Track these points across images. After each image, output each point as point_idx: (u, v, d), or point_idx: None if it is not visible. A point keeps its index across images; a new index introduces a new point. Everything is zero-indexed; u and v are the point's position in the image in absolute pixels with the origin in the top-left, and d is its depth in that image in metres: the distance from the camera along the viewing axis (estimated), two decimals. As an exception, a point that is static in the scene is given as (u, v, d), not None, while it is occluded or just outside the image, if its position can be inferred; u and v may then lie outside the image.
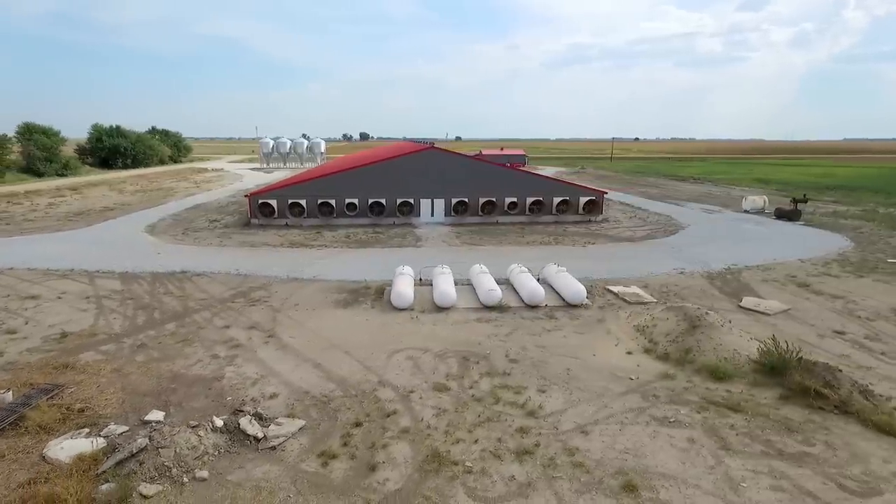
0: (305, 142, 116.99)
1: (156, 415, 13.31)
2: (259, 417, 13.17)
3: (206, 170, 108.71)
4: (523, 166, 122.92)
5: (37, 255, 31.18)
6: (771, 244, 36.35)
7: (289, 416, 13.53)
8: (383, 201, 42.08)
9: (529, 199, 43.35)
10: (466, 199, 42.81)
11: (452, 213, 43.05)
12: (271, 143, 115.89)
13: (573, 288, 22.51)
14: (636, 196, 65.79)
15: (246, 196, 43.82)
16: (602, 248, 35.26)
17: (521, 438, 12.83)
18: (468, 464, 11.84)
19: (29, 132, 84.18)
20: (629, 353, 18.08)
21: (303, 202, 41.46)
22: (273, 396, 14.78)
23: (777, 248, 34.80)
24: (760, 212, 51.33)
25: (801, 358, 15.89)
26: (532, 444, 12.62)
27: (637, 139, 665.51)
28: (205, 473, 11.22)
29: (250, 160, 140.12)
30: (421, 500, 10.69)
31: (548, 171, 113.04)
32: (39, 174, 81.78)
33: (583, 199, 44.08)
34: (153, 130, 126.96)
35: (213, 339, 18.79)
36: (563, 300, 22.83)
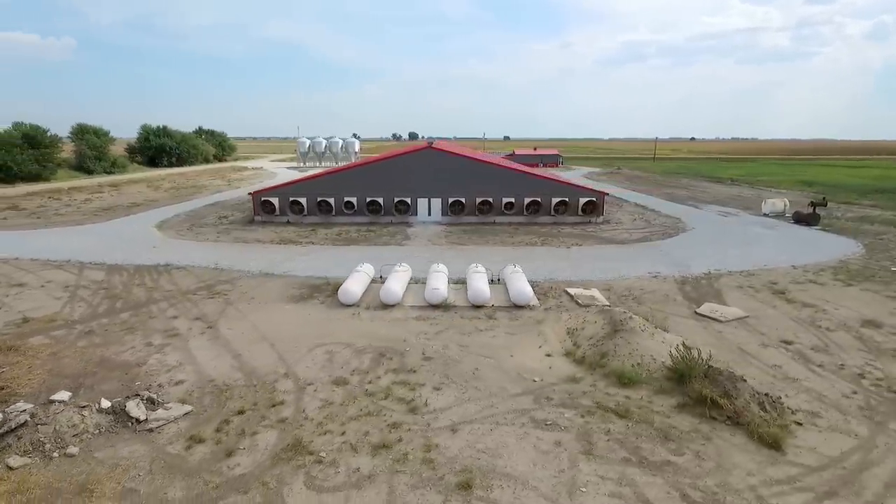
0: (340, 141, 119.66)
1: (62, 395, 14.37)
2: (151, 402, 14.02)
3: (245, 168, 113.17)
4: (557, 166, 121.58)
5: (47, 246, 33.66)
6: (771, 249, 34.79)
7: (180, 402, 14.32)
8: (380, 200, 42.86)
9: (527, 200, 43.04)
10: (462, 199, 42.98)
11: (449, 213, 43.31)
12: (308, 142, 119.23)
13: (519, 289, 22.45)
14: (657, 198, 63.98)
15: (250, 194, 45.60)
16: (587, 249, 34.71)
17: (389, 433, 13.13)
18: (322, 454, 12.25)
19: (81, 132, 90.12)
20: (548, 355, 17.98)
21: (302, 200, 42.78)
22: (179, 383, 15.65)
23: (774, 253, 33.30)
24: (780, 215, 49.00)
25: (710, 366, 15.43)
26: (395, 439, 12.90)
27: (693, 139, 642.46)
28: (75, 450, 12.12)
29: (292, 159, 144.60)
30: (259, 485, 11.19)
31: (581, 171, 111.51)
32: (89, 172, 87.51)
33: (582, 200, 43.38)
34: (199, 131, 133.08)
35: (156, 329, 19.95)
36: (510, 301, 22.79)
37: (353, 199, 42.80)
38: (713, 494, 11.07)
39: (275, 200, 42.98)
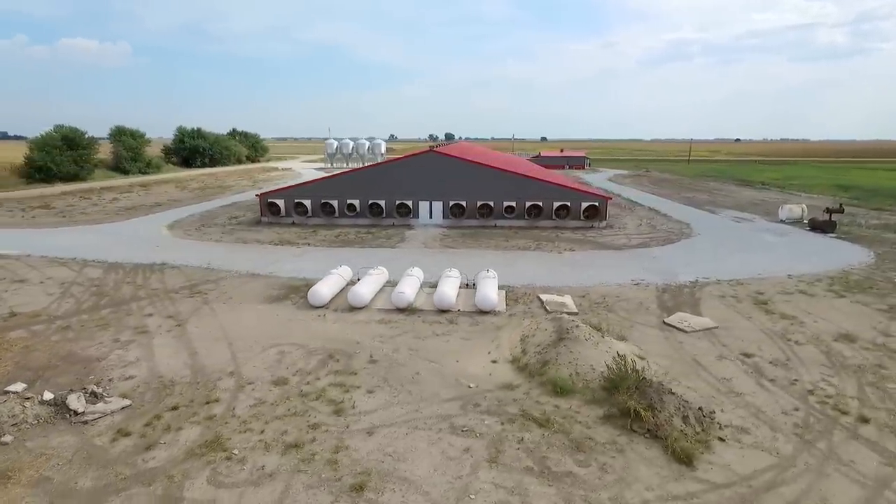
0: (366, 143, 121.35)
1: (17, 386, 15.41)
2: (94, 395, 14.86)
3: (275, 169, 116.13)
4: (583, 168, 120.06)
5: (60, 244, 35.62)
6: (773, 257, 33.72)
7: (122, 397, 15.12)
8: (382, 203, 43.49)
9: (528, 204, 42.90)
10: (463, 203, 43.17)
11: (450, 216, 43.58)
12: (335, 143, 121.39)
13: (483, 294, 22.57)
14: (675, 202, 62.61)
15: (257, 196, 46.96)
16: (580, 255, 34.40)
17: (305, 434, 13.55)
18: (235, 452, 12.77)
19: (119, 134, 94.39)
20: (494, 361, 18.08)
21: (307, 202, 43.83)
22: (129, 378, 16.50)
23: (775, 262, 32.27)
24: (798, 222, 47.25)
25: (644, 378, 15.26)
26: (309, 439, 13.31)
27: (738, 140, 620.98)
28: (9, 439, 13.01)
29: (323, 160, 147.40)
30: (164, 479, 11.79)
31: (607, 173, 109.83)
32: (125, 172, 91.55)
33: (584, 205, 42.91)
34: (233, 132, 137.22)
35: (128, 325, 20.99)
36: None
37: (356, 202, 43.58)
38: (602, 508, 11.04)
39: (280, 202, 44.17)
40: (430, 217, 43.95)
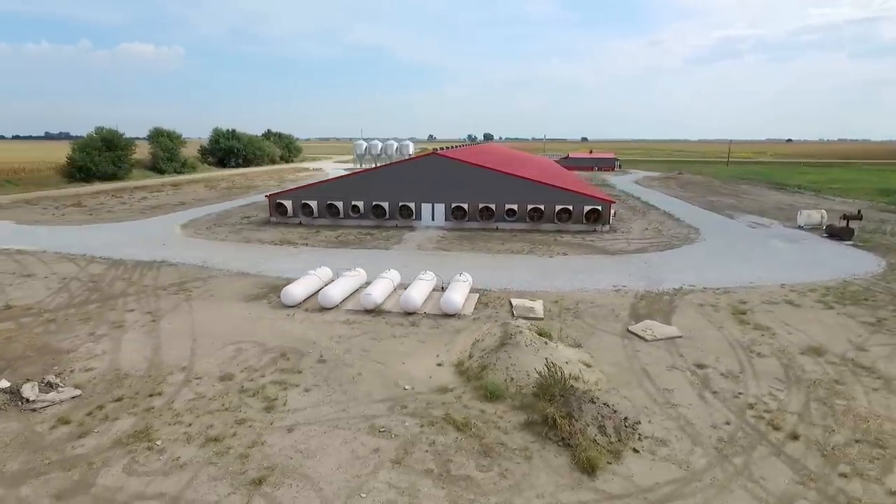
0: (395, 143, 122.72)
1: (-14, 374, 16.66)
2: (49, 385, 15.96)
3: (306, 169, 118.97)
4: (613, 170, 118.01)
5: (76, 241, 37.78)
6: (773, 264, 32.65)
7: (75, 387, 16.17)
8: (384, 205, 44.19)
9: (529, 207, 42.79)
10: (464, 205, 43.41)
11: (452, 218, 43.90)
12: (364, 144, 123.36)
13: (447, 298, 22.84)
14: (695, 205, 61.07)
15: (266, 196, 48.45)
16: (571, 259, 34.14)
17: (229, 428, 14.21)
18: (159, 443, 13.54)
19: (157, 135, 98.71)
20: (439, 364, 18.36)
21: (313, 204, 44.97)
22: (89, 370, 17.58)
23: (773, 270, 31.26)
24: (817, 228, 45.37)
25: (571, 386, 15.29)
26: (231, 433, 13.97)
27: (789, 140, 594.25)
28: (-39, 422, 14.16)
29: (353, 161, 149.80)
30: (84, 465, 12.63)
31: (635, 175, 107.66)
32: (161, 171, 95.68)
33: (586, 208, 42.47)
34: (268, 133, 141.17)
35: (108, 320, 22.26)
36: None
37: (360, 204, 44.44)
38: (486, 512, 11.22)
39: (288, 203, 45.48)
40: (433, 219, 44.37)
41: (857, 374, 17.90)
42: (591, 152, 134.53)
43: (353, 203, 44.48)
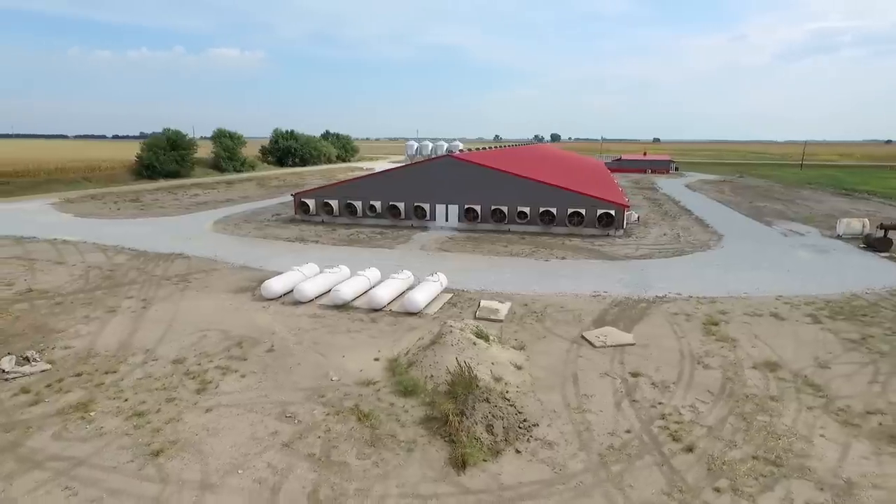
0: (445, 144, 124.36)
1: (-18, 347, 19.22)
2: (26, 359, 18.23)
3: (359, 169, 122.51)
4: (667, 172, 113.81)
5: (117, 233, 41.56)
6: (784, 276, 31.08)
7: (48, 362, 18.35)
8: (399, 205, 45.46)
9: (541, 209, 42.71)
10: (475, 207, 43.92)
11: (465, 220, 44.54)
12: (416, 145, 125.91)
13: (408, 297, 23.65)
14: (737, 211, 58.47)
15: (292, 195, 50.95)
16: (568, 263, 33.94)
17: (157, 405, 15.76)
18: (92, 414, 15.28)
19: (219, 136, 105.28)
20: (376, 359, 19.23)
21: (333, 203, 46.96)
22: (67, 348, 19.81)
23: (779, 281, 29.79)
24: (856, 237, 42.32)
25: (477, 385, 15.75)
26: (156, 409, 15.51)
27: (889, 142, 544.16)
28: (-57, 386, 16.55)
29: (405, 161, 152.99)
30: (23, 429, 14.52)
31: (689, 178, 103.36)
32: (222, 170, 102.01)
33: (599, 212, 41.83)
34: (326, 134, 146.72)
35: (106, 305, 24.73)
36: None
37: (378, 204, 45.95)
38: (342, 495, 12.04)
39: (311, 202, 47.73)
40: (447, 220, 45.16)
41: (802, 391, 17.14)
42: (644, 154, 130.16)
43: (371, 203, 46.02)
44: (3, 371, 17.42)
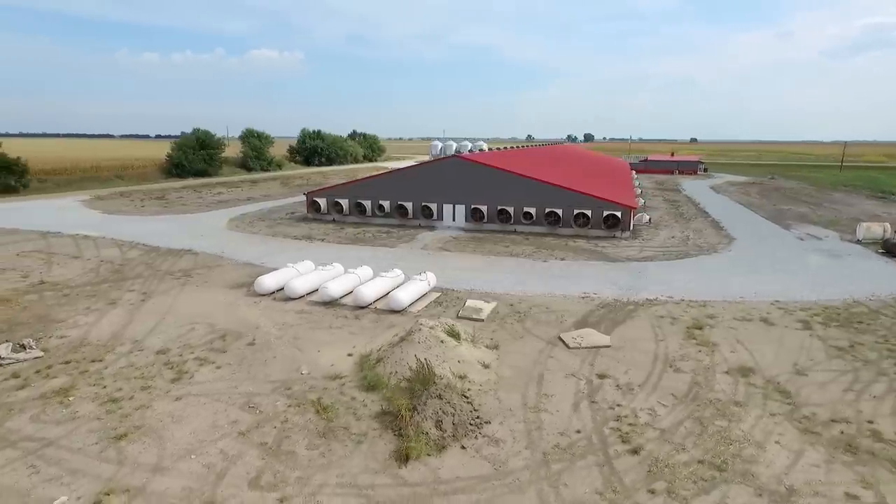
0: (469, 144, 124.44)
1: (-14, 334, 20.56)
2: (21, 346, 19.43)
3: (384, 168, 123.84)
4: (695, 174, 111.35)
5: (136, 229, 43.38)
6: (787, 280, 30.30)
7: (42, 350, 19.52)
8: (407, 205, 46.03)
9: (547, 210, 42.64)
10: (481, 207, 44.13)
11: (472, 220, 44.80)
12: (440, 145, 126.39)
13: (392, 295, 24.12)
14: (758, 213, 57.00)
15: (304, 194, 52.09)
16: (564, 264, 33.85)
17: (132, 392, 16.64)
18: (71, 399, 16.24)
19: (248, 136, 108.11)
20: (350, 355, 19.75)
21: (343, 202, 47.87)
22: (63, 337, 20.98)
23: (780, 286, 29.10)
24: (877, 242, 40.82)
25: (434, 382, 16.10)
26: (130, 397, 16.37)
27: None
28: (-56, 369, 17.83)
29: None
30: (5, 411, 15.55)
31: (715, 180, 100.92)
32: (249, 169, 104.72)
33: (605, 213, 41.50)
34: (353, 133, 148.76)
35: (108, 297, 25.99)
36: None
37: (386, 203, 46.64)
38: (282, 482, 12.57)
39: (322, 201, 48.76)
40: (454, 220, 45.50)
41: (770, 398, 16.88)
42: (672, 155, 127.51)
43: (380, 202, 46.73)
44: (0, 357, 18.59)
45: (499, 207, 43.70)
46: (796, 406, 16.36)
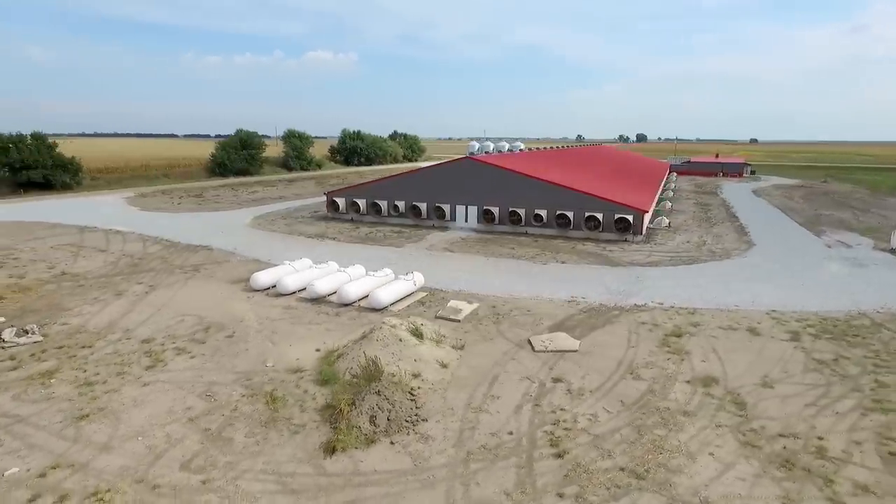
0: (506, 145, 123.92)
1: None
2: (24, 331, 21.26)
3: (420, 168, 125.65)
4: (741, 176, 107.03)
5: (166, 225, 45.99)
6: (794, 288, 29.14)
7: (43, 335, 21.29)
8: (421, 205, 46.73)
9: (557, 213, 42.38)
10: (492, 208, 44.29)
11: (483, 221, 45.05)
12: (477, 145, 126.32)
13: (373, 294, 24.79)
14: (793, 218, 54.48)
15: (325, 194, 53.60)
16: (562, 267, 33.66)
17: (108, 376, 17.98)
18: (52, 381, 17.73)
19: (289, 136, 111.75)
20: (317, 350, 20.57)
21: (361, 202, 49.07)
22: (65, 324, 22.77)
23: (782, 295, 27.96)
24: (911, 250, 38.46)
25: (379, 378, 16.66)
26: (103, 381, 17.71)
27: None
28: (-47, 349, 19.78)
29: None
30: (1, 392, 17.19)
31: (763, 182, 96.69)
32: (290, 168, 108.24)
33: (616, 217, 40.86)
34: (393, 134, 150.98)
35: (118, 288, 27.88)
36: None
37: (401, 204, 47.52)
38: (211, 466, 13.43)
39: (340, 201, 50.14)
40: (466, 221, 45.86)
41: (723, 409, 16.52)
42: (716, 156, 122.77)
43: (395, 203, 47.63)
44: (3, 340, 20.43)
45: (510, 209, 43.71)
46: (747, 419, 15.93)
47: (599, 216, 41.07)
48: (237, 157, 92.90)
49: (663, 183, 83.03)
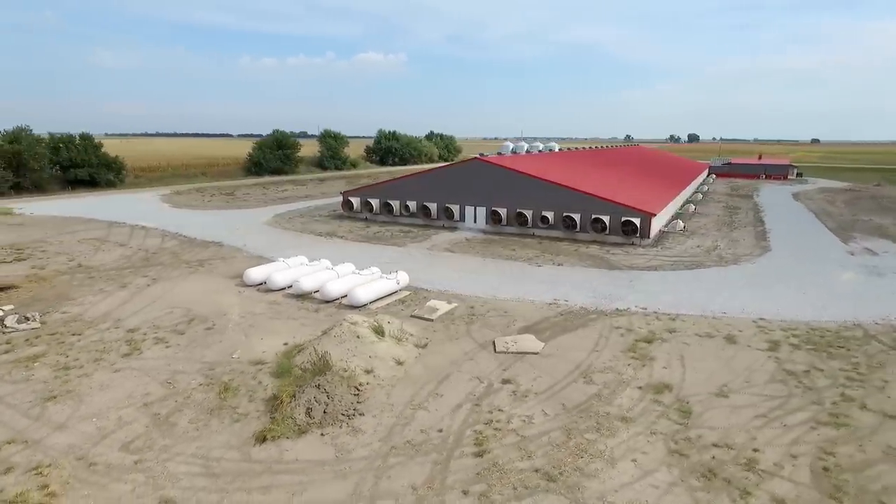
0: (540, 145, 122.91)
1: (8, 306, 24.58)
2: (25, 318, 23.05)
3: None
4: (786, 178, 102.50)
5: (188, 221, 48.30)
6: (793, 297, 28.03)
7: (41, 323, 23.03)
8: (431, 206, 47.27)
9: (564, 215, 42.07)
10: (499, 210, 44.34)
11: (492, 222, 45.19)
12: (511, 145, 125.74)
13: (352, 293, 25.49)
14: (823, 222, 52.00)
15: (340, 193, 54.86)
16: (557, 269, 33.44)
17: (85, 364, 19.34)
18: (36, 365, 19.20)
19: (325, 136, 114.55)
20: (285, 343, 21.41)
21: (374, 202, 50.07)
22: (65, 313, 24.51)
23: (778, 303, 26.97)
24: (942, 260, 36.20)
25: (324, 373, 17.32)
26: (80, 366, 19.07)
27: None
28: (-40, 333, 21.70)
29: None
30: (-15, 371, 18.81)
31: (809, 185, 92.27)
32: (325, 168, 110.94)
33: (623, 219, 40.20)
34: (430, 134, 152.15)
35: (124, 280, 29.67)
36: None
37: (412, 204, 48.22)
38: (147, 448, 14.37)
39: (355, 200, 51.28)
40: (475, 222, 46.09)
41: (665, 416, 16.31)
42: (759, 157, 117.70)
43: (406, 203, 48.36)
44: (5, 326, 22.23)
45: (517, 210, 43.66)
46: (685, 427, 15.69)
47: (605, 218, 40.49)
48: (272, 156, 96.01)
49: (695, 185, 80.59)
